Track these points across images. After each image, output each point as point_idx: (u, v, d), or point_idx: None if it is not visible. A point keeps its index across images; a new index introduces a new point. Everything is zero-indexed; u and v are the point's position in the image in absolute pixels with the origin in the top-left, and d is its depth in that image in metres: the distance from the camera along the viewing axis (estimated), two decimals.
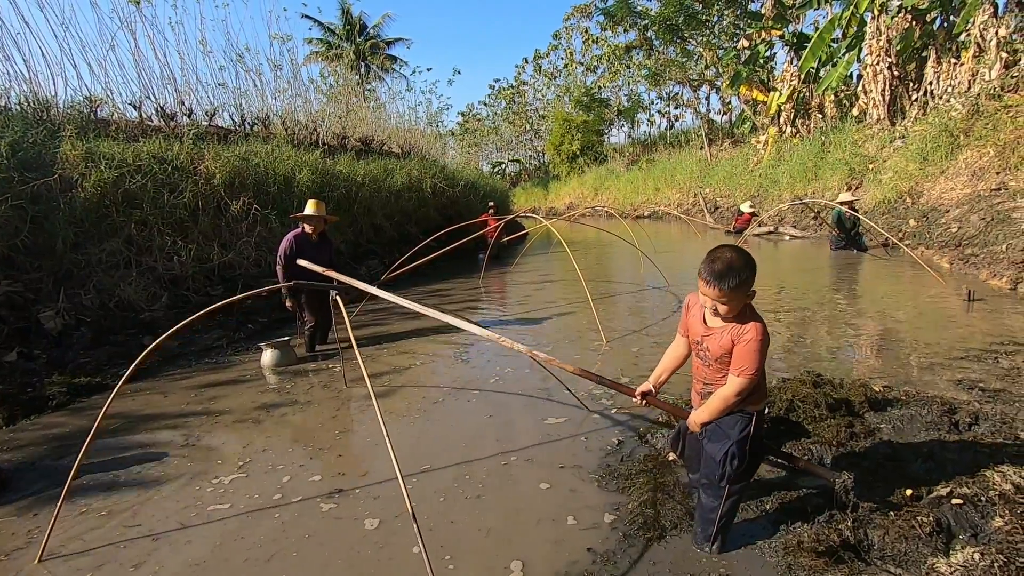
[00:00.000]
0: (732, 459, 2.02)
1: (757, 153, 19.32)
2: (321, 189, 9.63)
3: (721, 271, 1.86)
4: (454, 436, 3.49)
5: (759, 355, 1.90)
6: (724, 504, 2.08)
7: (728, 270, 1.85)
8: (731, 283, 1.84)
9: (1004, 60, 11.06)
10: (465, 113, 49.36)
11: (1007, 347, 4.45)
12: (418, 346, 5.70)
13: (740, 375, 1.92)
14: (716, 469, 2.05)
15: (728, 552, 2.15)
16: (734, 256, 1.89)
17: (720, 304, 1.91)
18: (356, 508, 2.66)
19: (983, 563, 1.81)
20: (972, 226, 8.58)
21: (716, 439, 2.06)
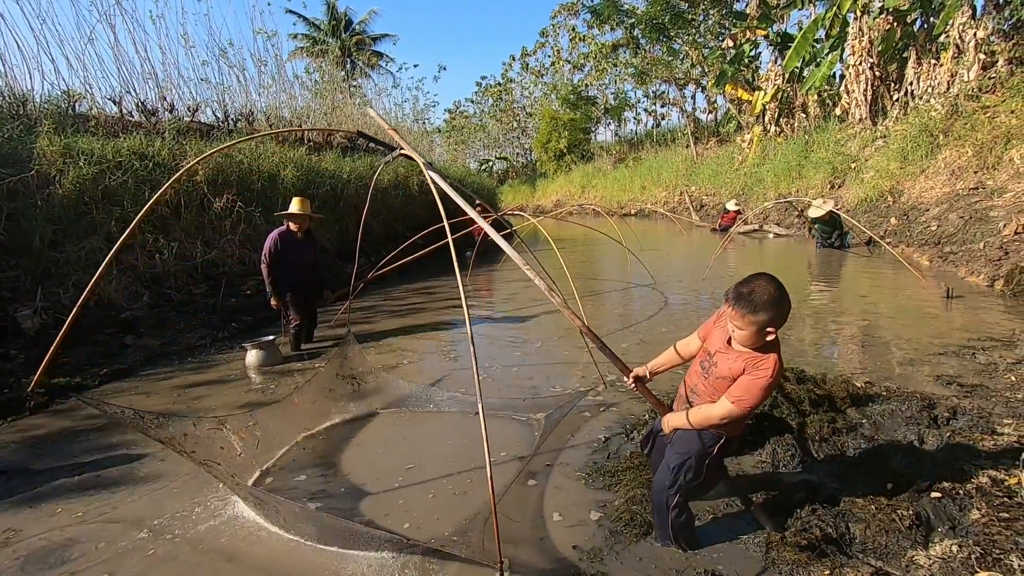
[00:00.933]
0: (688, 471, 2.01)
1: (742, 152, 19.49)
2: (306, 186, 9.54)
3: (749, 298, 1.78)
4: (441, 434, 3.49)
5: (763, 394, 1.84)
6: (670, 511, 2.07)
7: (756, 300, 1.77)
8: (754, 314, 1.77)
9: (982, 61, 11.27)
10: (452, 110, 49.19)
11: (984, 343, 4.55)
12: (406, 343, 5.68)
13: (735, 404, 1.85)
14: (668, 475, 2.05)
15: (712, 546, 2.17)
16: (769, 289, 1.78)
17: (737, 330, 1.84)
18: (342, 511, 2.64)
19: (961, 555, 1.85)
20: (951, 224, 8.74)
21: (678, 448, 2.06)
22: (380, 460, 3.15)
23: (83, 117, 7.68)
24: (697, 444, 2.01)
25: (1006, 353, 4.24)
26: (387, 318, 6.94)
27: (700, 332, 2.15)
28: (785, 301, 1.80)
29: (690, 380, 2.11)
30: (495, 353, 5.20)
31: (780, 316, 1.80)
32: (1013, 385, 3.55)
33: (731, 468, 2.74)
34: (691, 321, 6.02)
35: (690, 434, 2.03)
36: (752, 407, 1.86)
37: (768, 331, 1.81)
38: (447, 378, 4.58)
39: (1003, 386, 3.57)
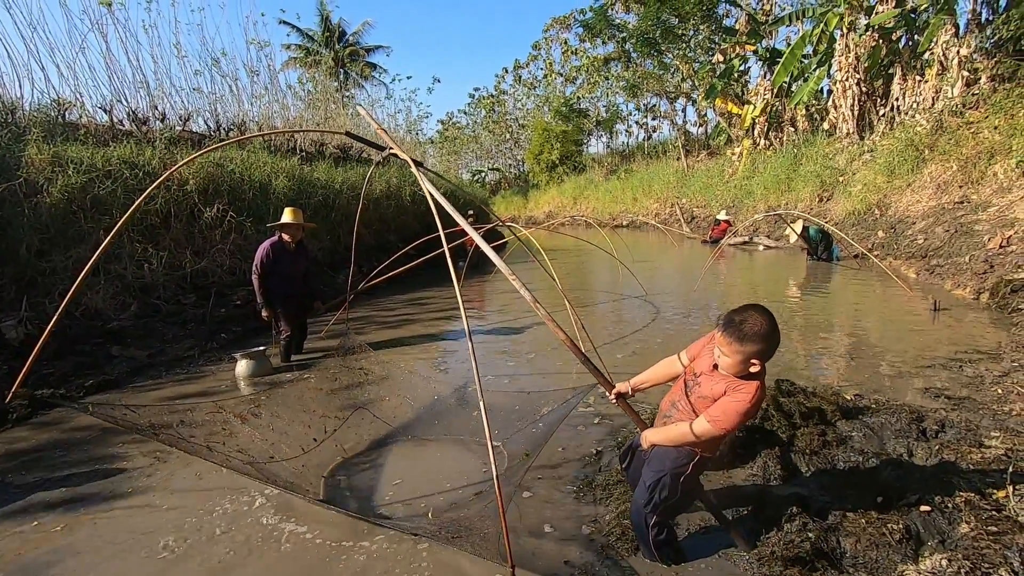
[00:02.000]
0: (663, 489, 2.03)
1: (732, 165, 19.70)
2: (298, 196, 9.52)
3: (740, 328, 1.80)
4: (432, 447, 3.46)
5: (739, 419, 1.85)
6: (650, 530, 2.08)
7: (745, 331, 1.79)
8: (741, 344, 1.79)
9: (965, 78, 11.51)
10: (445, 121, 49.41)
11: (971, 355, 4.59)
12: (396, 356, 5.64)
13: (711, 423, 1.86)
14: (644, 493, 2.07)
15: (705, 558, 2.16)
16: (761, 321, 1.80)
17: (723, 356, 1.85)
18: (324, 524, 2.61)
19: (950, 569, 1.86)
20: (937, 238, 8.86)
21: (654, 466, 2.07)
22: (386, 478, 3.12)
23: (73, 125, 7.64)
24: (671, 462, 2.03)
25: (992, 366, 4.28)
26: (378, 329, 6.91)
27: (689, 351, 2.16)
28: (774, 336, 1.82)
29: (671, 397, 2.13)
30: (487, 363, 5.19)
31: (768, 349, 1.82)
32: (1000, 398, 3.58)
33: (722, 481, 2.75)
34: (683, 332, 6.04)
35: (665, 451, 2.04)
36: (728, 430, 1.88)
37: (753, 362, 1.83)
38: (438, 390, 4.56)
39: (990, 399, 3.60)
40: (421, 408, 4.08)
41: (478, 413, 2.10)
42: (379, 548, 2.36)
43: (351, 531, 2.50)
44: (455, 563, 2.22)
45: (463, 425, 3.65)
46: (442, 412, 4.04)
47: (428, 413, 4.01)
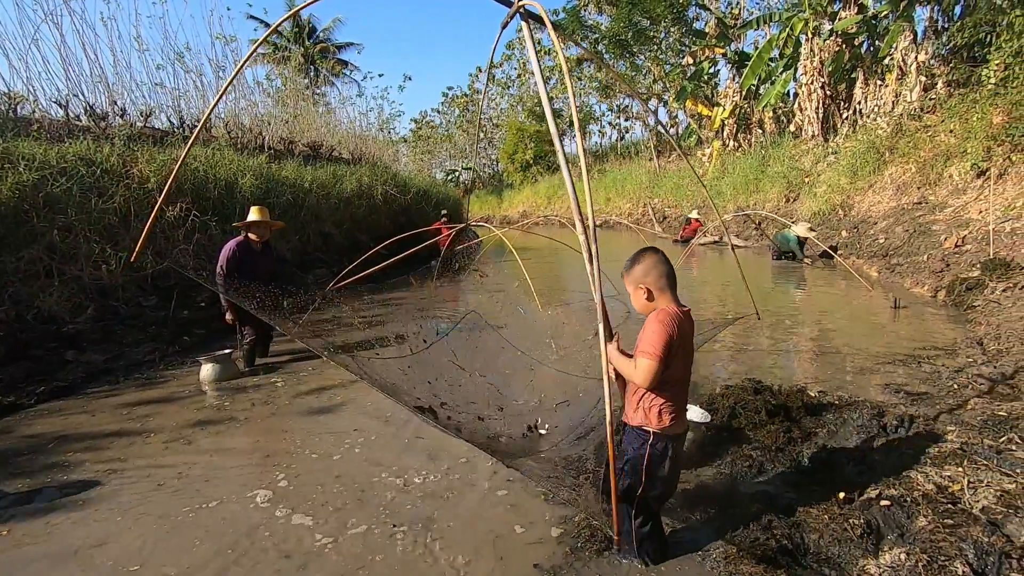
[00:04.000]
0: (625, 476, 2.06)
1: (703, 165, 20.02)
2: (266, 195, 9.31)
3: (626, 264, 2.15)
4: (402, 450, 3.40)
5: (659, 337, 1.92)
6: (633, 521, 2.09)
7: (625, 266, 2.15)
8: (625, 273, 2.13)
9: (923, 83, 11.92)
10: (418, 120, 49.06)
11: (929, 352, 4.75)
12: (367, 356, 5.55)
13: (641, 354, 1.95)
14: (619, 478, 2.07)
15: (674, 559, 2.17)
16: (633, 254, 2.14)
17: (630, 298, 2.15)
18: (298, 533, 2.54)
19: (908, 563, 1.90)
20: (897, 237, 9.15)
21: (623, 453, 2.11)
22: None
23: (25, 121, 7.30)
24: (632, 449, 2.08)
25: (948, 361, 4.43)
26: (347, 331, 6.79)
27: None
28: (641, 257, 2.11)
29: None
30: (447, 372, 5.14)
31: (642, 270, 2.07)
32: (955, 393, 3.70)
33: (690, 481, 2.76)
34: None
35: (630, 436, 2.10)
36: (659, 352, 1.90)
37: (639, 287, 2.07)
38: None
39: (946, 393, 3.72)
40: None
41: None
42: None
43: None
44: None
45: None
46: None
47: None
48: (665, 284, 2.05)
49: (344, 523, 2.60)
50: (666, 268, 2.07)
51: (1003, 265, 6.29)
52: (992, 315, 5.37)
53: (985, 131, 8.70)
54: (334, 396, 4.49)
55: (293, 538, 2.49)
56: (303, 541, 2.46)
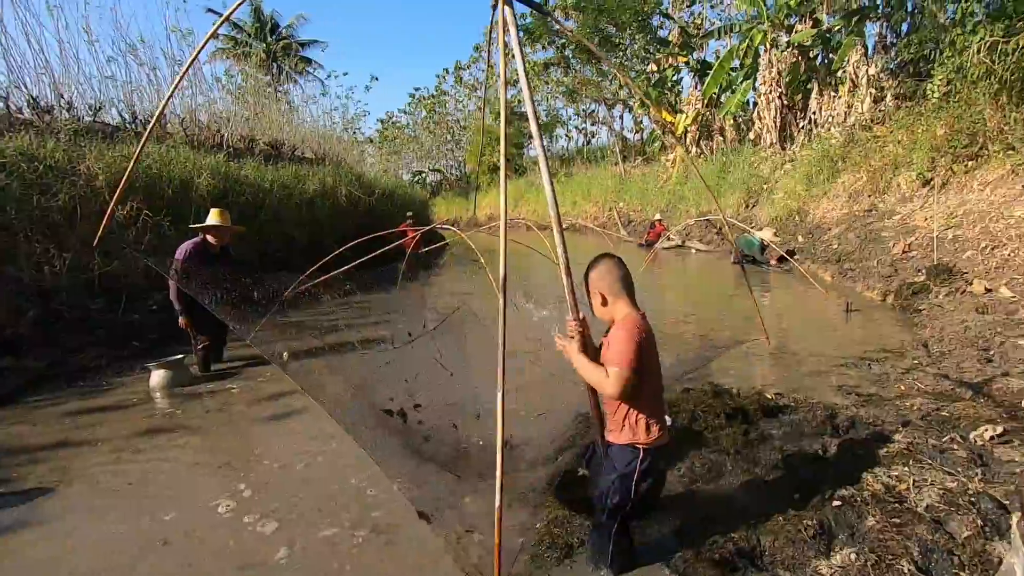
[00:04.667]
0: (613, 494, 2.02)
1: (667, 171, 20.43)
2: (224, 195, 9.02)
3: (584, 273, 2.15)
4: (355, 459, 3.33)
5: (628, 344, 1.90)
6: (611, 538, 2.07)
7: (583, 275, 2.13)
8: (585, 282, 2.12)
9: (873, 96, 12.47)
10: (384, 121, 48.54)
11: (879, 354, 4.93)
12: (331, 363, 5.42)
13: (611, 364, 1.93)
14: (600, 500, 2.08)
15: (636, 567, 2.17)
16: (593, 261, 2.14)
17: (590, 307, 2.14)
18: (257, 544, 2.45)
19: (858, 563, 1.96)
20: (849, 243, 9.52)
21: (607, 471, 2.07)
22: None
23: None
24: (621, 465, 2.02)
25: (897, 363, 4.61)
26: (311, 336, 6.62)
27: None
28: (596, 263, 2.12)
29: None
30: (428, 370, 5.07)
31: (597, 275, 2.09)
32: (903, 394, 3.85)
33: None
34: None
35: (617, 453, 2.04)
36: (630, 360, 1.89)
37: (598, 294, 2.07)
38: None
39: (894, 395, 3.87)
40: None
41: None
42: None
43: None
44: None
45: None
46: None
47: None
48: (620, 289, 2.06)
49: (310, 532, 2.53)
50: (621, 272, 2.08)
51: (946, 271, 6.61)
52: (936, 318, 5.62)
53: (929, 143, 9.14)
54: (294, 401, 4.37)
55: (257, 549, 2.40)
56: (266, 551, 2.38)
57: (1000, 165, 7.79)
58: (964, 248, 6.99)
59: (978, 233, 7.02)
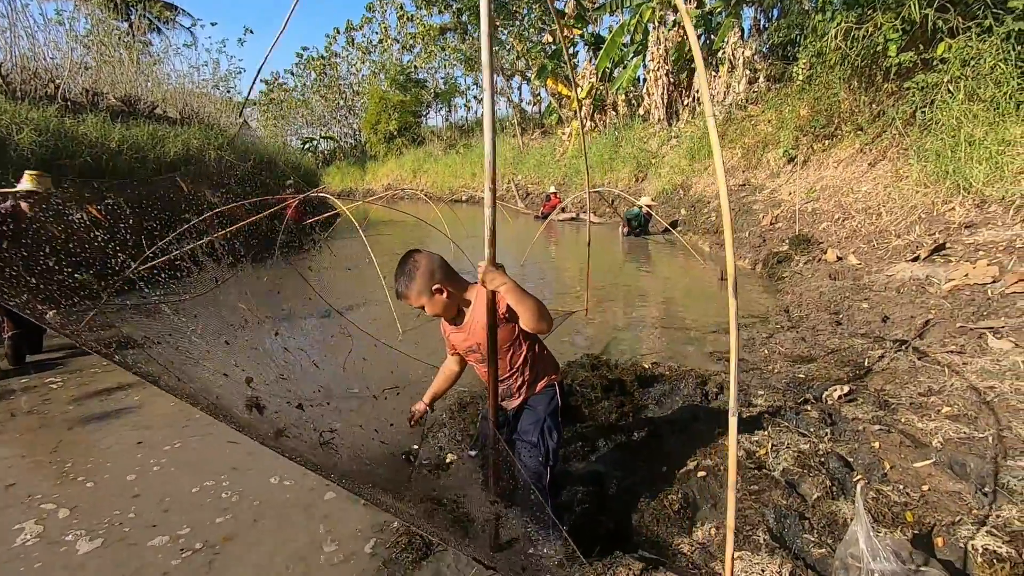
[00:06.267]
0: (551, 432, 1.96)
1: (563, 144, 20.61)
2: (54, 155, 7.70)
3: (400, 290, 1.85)
4: (212, 459, 2.89)
5: (516, 290, 1.71)
6: (549, 489, 1.96)
7: (401, 289, 1.85)
8: (409, 293, 1.83)
9: (748, 76, 13.22)
10: (269, 82, 44.62)
11: (746, 319, 5.20)
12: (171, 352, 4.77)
13: (524, 314, 1.74)
14: (537, 450, 1.94)
15: (499, 552, 2.01)
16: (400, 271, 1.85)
17: (431, 312, 1.87)
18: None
19: (717, 538, 1.92)
20: None
21: (527, 421, 1.99)
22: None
23: None
24: (544, 405, 1.97)
25: (762, 328, 4.88)
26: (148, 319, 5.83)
27: (449, 348, 2.13)
28: (413, 264, 1.84)
29: (492, 381, 1.89)
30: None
31: (426, 273, 1.82)
32: (766, 358, 4.05)
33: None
34: None
35: (536, 399, 1.99)
36: (533, 305, 1.74)
37: (437, 293, 1.83)
38: None
39: (759, 359, 4.06)
40: None
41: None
42: None
43: None
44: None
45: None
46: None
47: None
48: (453, 271, 1.90)
49: (131, 550, 2.10)
50: (439, 257, 1.90)
51: (805, 241, 7.16)
52: (796, 285, 6.06)
53: (794, 123, 9.84)
54: (128, 397, 3.76)
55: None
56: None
57: (851, 144, 8.55)
58: (821, 220, 7.62)
59: (832, 206, 7.67)
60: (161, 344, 2.64)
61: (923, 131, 6.70)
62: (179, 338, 2.75)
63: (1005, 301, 3.91)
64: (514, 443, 2.03)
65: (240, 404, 1.95)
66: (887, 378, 3.29)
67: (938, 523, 1.93)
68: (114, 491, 2.63)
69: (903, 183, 6.64)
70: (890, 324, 4.23)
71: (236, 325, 2.81)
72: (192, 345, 2.80)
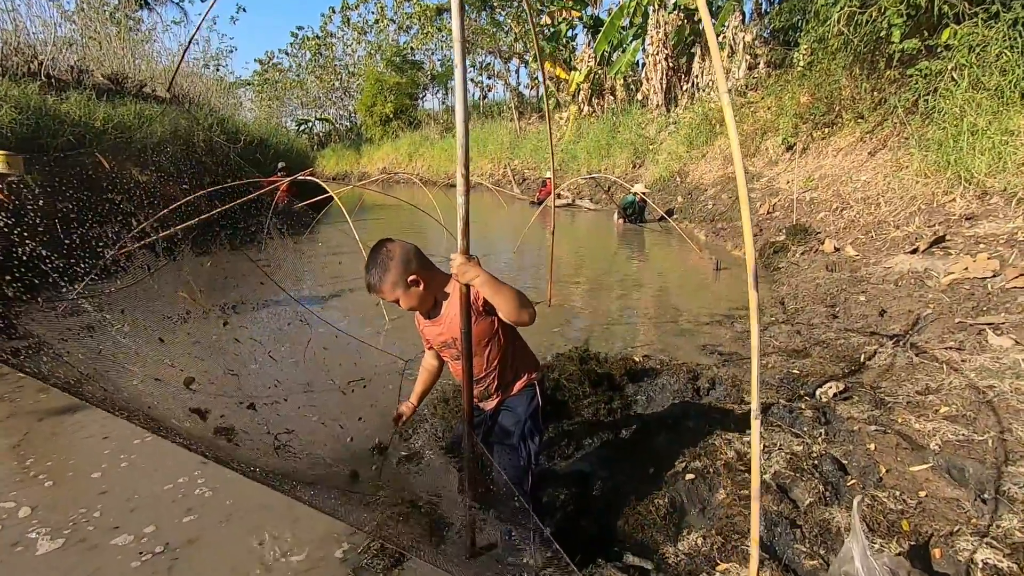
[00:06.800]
0: (532, 435, 1.86)
1: (560, 129, 20.33)
2: (34, 135, 7.49)
3: (373, 283, 1.70)
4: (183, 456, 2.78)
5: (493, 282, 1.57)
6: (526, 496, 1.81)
7: (374, 281, 1.69)
8: (383, 286, 1.68)
9: (748, 62, 12.99)
10: (264, 61, 43.95)
11: (741, 311, 5.10)
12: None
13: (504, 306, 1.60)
14: (517, 454, 1.84)
15: (475, 559, 1.92)
16: (372, 263, 1.70)
17: (406, 305, 1.73)
18: None
19: (704, 548, 1.83)
20: (722, 204, 9.97)
21: (508, 421, 1.88)
22: None
23: None
24: (524, 406, 1.86)
25: None
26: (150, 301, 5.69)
27: (424, 343, 1.99)
28: (385, 254, 1.69)
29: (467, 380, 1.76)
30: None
31: (401, 263, 1.68)
32: (761, 352, 3.95)
33: None
34: None
35: (515, 400, 1.88)
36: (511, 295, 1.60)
37: (413, 284, 1.69)
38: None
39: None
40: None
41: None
42: None
43: None
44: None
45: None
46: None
47: None
48: (428, 261, 1.76)
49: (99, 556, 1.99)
50: (413, 246, 1.76)
51: (802, 231, 7.04)
52: (793, 276, 5.95)
53: (794, 109, 9.67)
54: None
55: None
56: None
57: (851, 132, 8.40)
58: (819, 209, 7.49)
59: (830, 196, 7.54)
60: (79, 346, 2.48)
61: (925, 120, 6.56)
62: (100, 338, 2.52)
63: (1005, 296, 3.81)
64: (492, 445, 1.92)
65: (179, 412, 1.82)
66: (883, 375, 3.19)
67: (936, 533, 1.84)
68: (80, 487, 2.52)
69: (903, 173, 6.51)
70: (887, 318, 4.13)
71: (175, 318, 2.67)
72: (117, 348, 2.61)
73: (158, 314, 2.85)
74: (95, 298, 3.26)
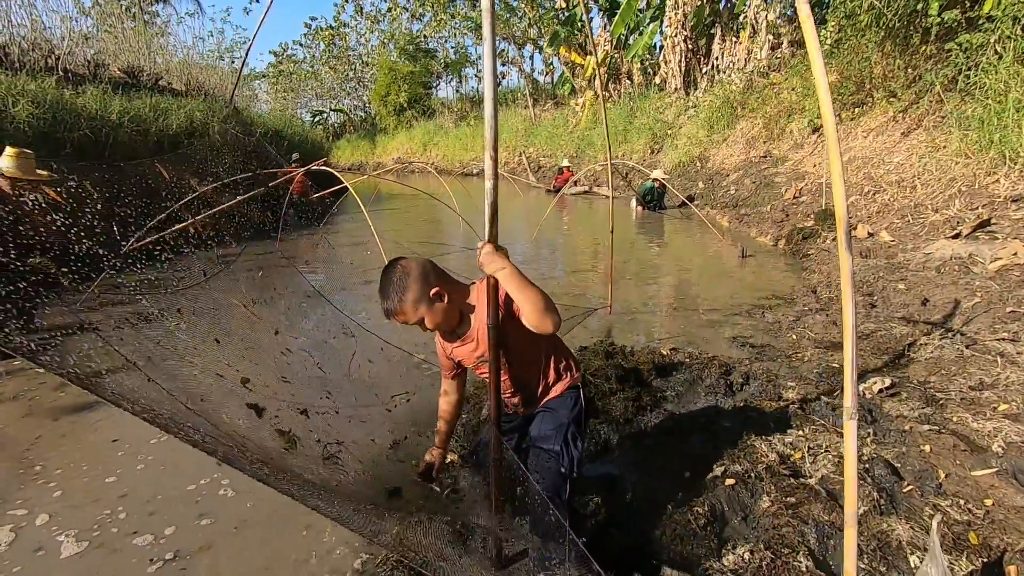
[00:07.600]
0: (575, 441, 1.72)
1: (576, 115, 19.99)
2: (53, 128, 7.51)
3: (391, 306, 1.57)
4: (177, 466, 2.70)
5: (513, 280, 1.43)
6: (564, 508, 1.68)
7: (392, 305, 1.57)
8: (403, 306, 1.56)
9: (771, 42, 12.55)
10: (278, 53, 44.01)
11: (771, 301, 4.89)
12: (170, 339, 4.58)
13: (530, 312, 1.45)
14: (559, 460, 1.68)
15: (510, 567, 1.80)
16: (387, 283, 1.58)
17: (427, 326, 1.61)
18: None
19: (753, 564, 1.68)
20: (746, 189, 9.66)
21: (551, 430, 1.72)
22: None
23: None
24: (563, 410, 1.74)
25: (787, 310, 4.57)
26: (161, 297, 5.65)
27: (447, 370, 1.85)
28: (403, 272, 1.57)
29: (503, 385, 1.69)
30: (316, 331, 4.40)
31: (419, 279, 1.56)
32: (794, 344, 3.77)
33: None
34: None
35: (558, 402, 1.76)
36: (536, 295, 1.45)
37: (436, 299, 1.57)
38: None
39: (786, 345, 3.77)
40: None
41: None
42: None
43: None
44: None
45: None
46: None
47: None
48: (446, 273, 1.66)
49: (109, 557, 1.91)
50: (428, 261, 1.65)
51: (832, 216, 6.76)
52: (824, 263, 5.71)
53: None
54: (118, 383, 3.57)
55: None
56: None
57: (883, 112, 8.04)
58: (849, 193, 7.19)
59: (862, 179, 7.23)
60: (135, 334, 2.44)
61: (965, 97, 6.22)
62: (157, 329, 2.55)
63: None
64: (526, 451, 1.79)
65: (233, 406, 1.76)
66: (932, 368, 2.99)
67: (1009, 547, 1.68)
68: (101, 488, 2.46)
69: (940, 153, 6.19)
70: (930, 307, 3.91)
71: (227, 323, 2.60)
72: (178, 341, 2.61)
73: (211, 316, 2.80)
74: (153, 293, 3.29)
